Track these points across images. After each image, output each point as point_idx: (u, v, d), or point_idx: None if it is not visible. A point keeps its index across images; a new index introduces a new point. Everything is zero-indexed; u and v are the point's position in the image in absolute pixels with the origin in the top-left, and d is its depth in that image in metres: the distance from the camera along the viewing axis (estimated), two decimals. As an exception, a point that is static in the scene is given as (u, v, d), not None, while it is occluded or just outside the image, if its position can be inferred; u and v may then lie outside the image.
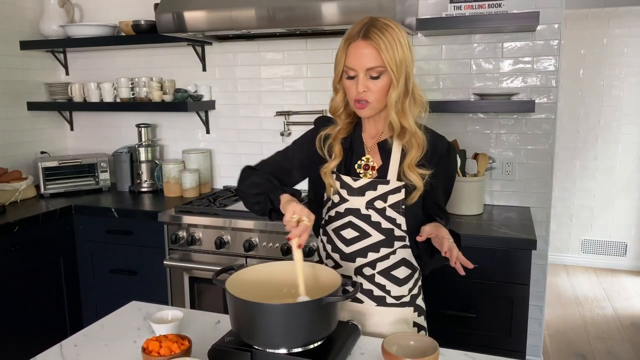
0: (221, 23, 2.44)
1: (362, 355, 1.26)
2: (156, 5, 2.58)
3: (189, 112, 3.08)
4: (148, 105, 3.01)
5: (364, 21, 1.34)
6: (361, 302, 1.45)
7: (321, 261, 1.53)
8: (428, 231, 1.29)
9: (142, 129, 3.08)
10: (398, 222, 1.41)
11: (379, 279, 1.44)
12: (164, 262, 2.52)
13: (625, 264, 4.49)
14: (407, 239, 1.43)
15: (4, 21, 3.01)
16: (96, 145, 3.39)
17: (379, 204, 1.41)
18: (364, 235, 1.42)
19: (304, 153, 1.52)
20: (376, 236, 1.42)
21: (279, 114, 2.92)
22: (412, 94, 1.36)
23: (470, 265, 1.20)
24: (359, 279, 1.43)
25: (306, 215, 1.28)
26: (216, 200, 2.63)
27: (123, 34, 3.00)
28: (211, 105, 3.08)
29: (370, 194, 1.41)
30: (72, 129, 3.44)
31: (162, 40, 2.76)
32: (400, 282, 1.45)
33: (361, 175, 1.44)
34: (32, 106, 3.17)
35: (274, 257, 2.35)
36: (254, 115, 3.03)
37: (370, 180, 1.42)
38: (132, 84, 3.06)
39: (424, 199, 1.42)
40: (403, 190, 1.40)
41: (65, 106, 3.24)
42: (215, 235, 2.45)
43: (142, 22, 2.86)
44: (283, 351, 1.14)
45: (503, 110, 2.47)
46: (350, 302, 1.45)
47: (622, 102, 4.31)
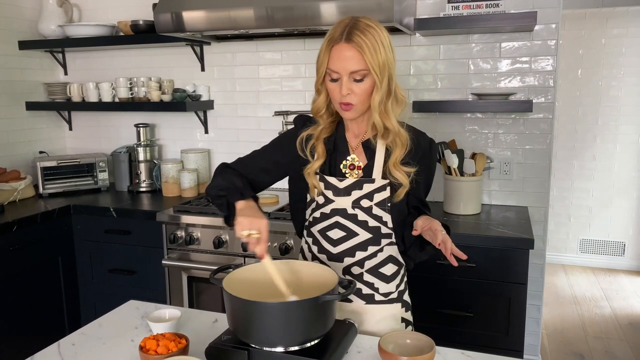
0: (219, 23, 2.44)
1: (358, 354, 1.26)
2: (154, 5, 2.58)
3: (187, 112, 3.09)
4: (146, 105, 3.01)
5: (345, 22, 1.33)
6: (350, 301, 1.46)
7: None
8: (421, 224, 1.30)
9: (141, 128, 3.08)
10: (384, 219, 1.42)
11: (367, 277, 1.44)
12: (163, 262, 2.53)
13: (624, 263, 4.49)
14: (393, 236, 1.44)
15: (2, 21, 3.01)
16: (95, 145, 3.40)
17: (365, 202, 1.41)
18: (351, 234, 1.43)
19: (282, 152, 1.51)
20: (363, 235, 1.42)
21: (278, 113, 2.93)
22: (395, 94, 1.36)
23: (463, 257, 1.21)
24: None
25: (256, 227, 1.27)
26: (214, 200, 2.63)
27: (122, 34, 3.00)
28: (210, 105, 3.08)
29: (356, 194, 1.41)
30: (70, 128, 3.45)
31: (161, 40, 2.76)
32: (387, 279, 1.45)
33: (347, 175, 1.44)
34: (31, 106, 3.18)
35: (272, 256, 2.34)
36: (252, 115, 3.03)
37: (356, 179, 1.42)
38: (130, 83, 3.06)
39: (408, 195, 1.42)
40: (388, 188, 1.40)
41: (64, 106, 3.24)
42: (213, 234, 2.46)
43: (141, 22, 2.87)
44: (280, 350, 1.14)
45: (501, 110, 2.47)
46: (340, 301, 1.44)
47: (620, 102, 4.31)
